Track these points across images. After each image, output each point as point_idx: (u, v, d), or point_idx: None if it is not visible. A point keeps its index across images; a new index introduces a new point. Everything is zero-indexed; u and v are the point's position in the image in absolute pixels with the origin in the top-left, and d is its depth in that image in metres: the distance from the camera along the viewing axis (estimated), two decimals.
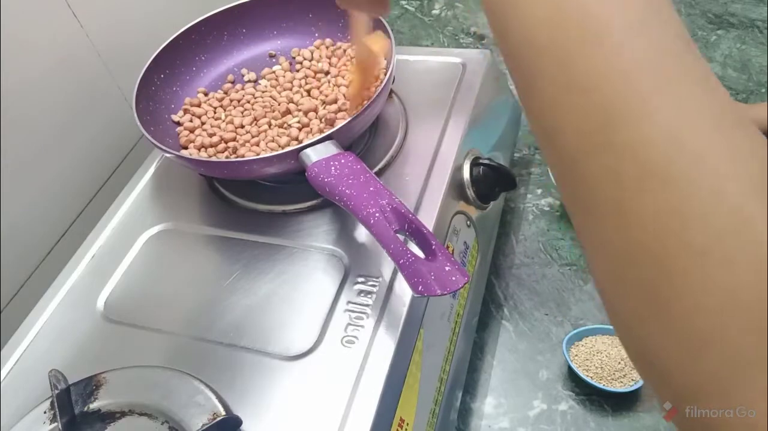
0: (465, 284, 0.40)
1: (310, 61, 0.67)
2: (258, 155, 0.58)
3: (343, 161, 0.49)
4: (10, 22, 0.58)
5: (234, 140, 0.60)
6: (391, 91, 0.66)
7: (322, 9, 0.69)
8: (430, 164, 0.58)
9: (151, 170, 0.66)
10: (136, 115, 0.58)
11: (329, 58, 0.67)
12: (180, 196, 0.62)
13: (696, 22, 0.99)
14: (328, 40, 0.69)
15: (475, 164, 0.61)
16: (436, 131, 0.61)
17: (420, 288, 0.40)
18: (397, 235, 0.43)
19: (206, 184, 0.62)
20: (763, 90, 0.88)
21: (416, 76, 0.67)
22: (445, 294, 0.40)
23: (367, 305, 0.49)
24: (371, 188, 0.46)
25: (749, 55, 0.93)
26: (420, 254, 0.43)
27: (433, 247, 0.42)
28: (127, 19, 0.73)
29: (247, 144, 0.59)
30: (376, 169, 0.59)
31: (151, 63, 0.63)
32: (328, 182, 0.47)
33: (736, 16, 0.99)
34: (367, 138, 0.63)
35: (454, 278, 0.40)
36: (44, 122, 0.64)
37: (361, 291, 0.50)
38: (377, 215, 0.44)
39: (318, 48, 0.68)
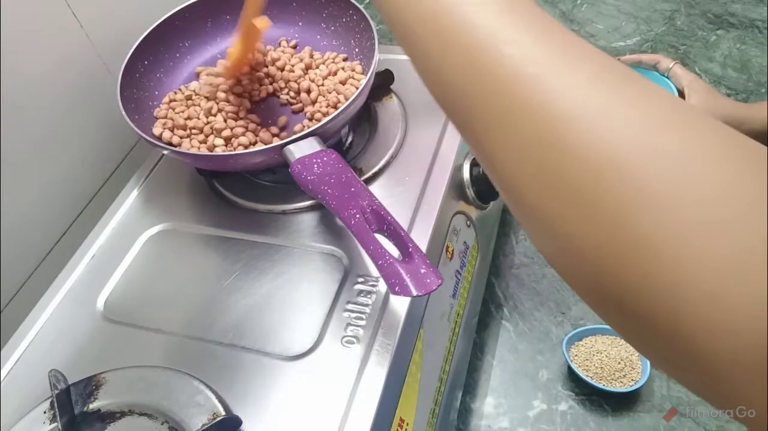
0: (439, 286, 0.41)
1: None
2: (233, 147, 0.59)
3: (325, 158, 0.49)
4: (10, 22, 0.58)
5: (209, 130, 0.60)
6: (391, 90, 0.66)
7: None
8: (430, 164, 0.58)
9: (151, 170, 0.66)
10: (120, 104, 0.58)
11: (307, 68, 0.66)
12: (180, 196, 0.62)
13: (696, 22, 0.99)
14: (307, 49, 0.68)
15: (474, 164, 0.61)
16: (436, 131, 0.61)
17: (397, 289, 0.41)
18: (376, 235, 0.44)
19: (206, 184, 0.62)
20: (763, 90, 0.88)
21: (416, 76, 0.66)
22: (420, 296, 0.41)
23: (367, 305, 0.49)
24: (352, 189, 0.47)
25: (749, 55, 0.93)
26: (397, 254, 0.44)
27: (410, 249, 0.43)
28: (127, 19, 0.73)
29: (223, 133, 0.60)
30: (376, 168, 0.59)
31: (134, 50, 0.63)
32: (311, 180, 0.48)
33: (736, 16, 0.99)
34: (366, 138, 0.63)
35: (428, 281, 0.41)
36: (44, 122, 0.64)
37: (361, 291, 0.50)
38: (358, 216, 0.45)
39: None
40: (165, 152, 0.59)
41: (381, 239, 0.44)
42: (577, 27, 1.02)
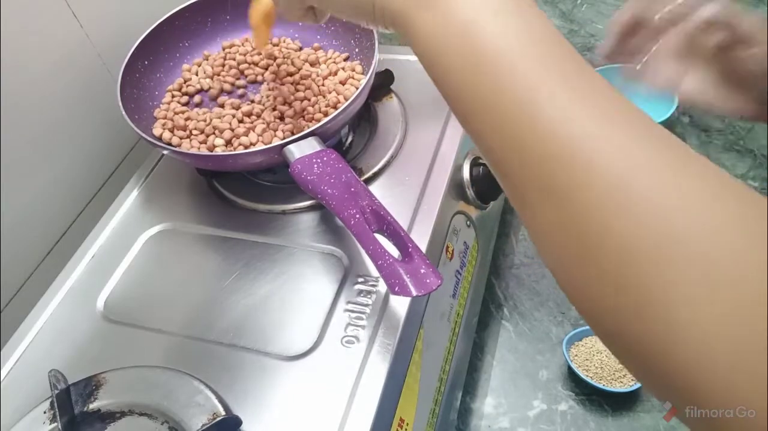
0: (438, 286, 0.41)
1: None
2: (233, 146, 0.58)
3: (325, 158, 0.49)
4: (10, 22, 0.58)
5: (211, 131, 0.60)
6: (391, 90, 0.66)
7: None
8: (430, 164, 0.58)
9: (151, 170, 0.66)
10: (120, 104, 0.58)
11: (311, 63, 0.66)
12: (180, 196, 0.62)
13: None
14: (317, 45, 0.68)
15: (474, 164, 0.61)
16: (436, 131, 0.61)
17: (396, 289, 0.41)
18: (376, 235, 0.44)
19: (206, 184, 0.62)
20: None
21: (416, 76, 0.67)
22: (420, 296, 0.41)
23: (367, 305, 0.49)
24: (352, 189, 0.47)
25: None
26: (397, 255, 0.44)
27: (410, 249, 0.43)
28: (126, 19, 0.73)
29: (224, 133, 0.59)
30: (376, 169, 0.59)
31: (134, 50, 0.63)
32: (310, 180, 0.48)
33: None
34: (366, 138, 0.63)
35: (428, 281, 0.41)
36: (44, 122, 0.64)
37: (360, 291, 0.50)
38: (357, 216, 0.45)
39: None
40: (165, 151, 0.59)
41: (381, 239, 0.44)
42: (577, 27, 1.01)
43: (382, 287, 0.50)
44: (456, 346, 0.58)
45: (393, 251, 0.44)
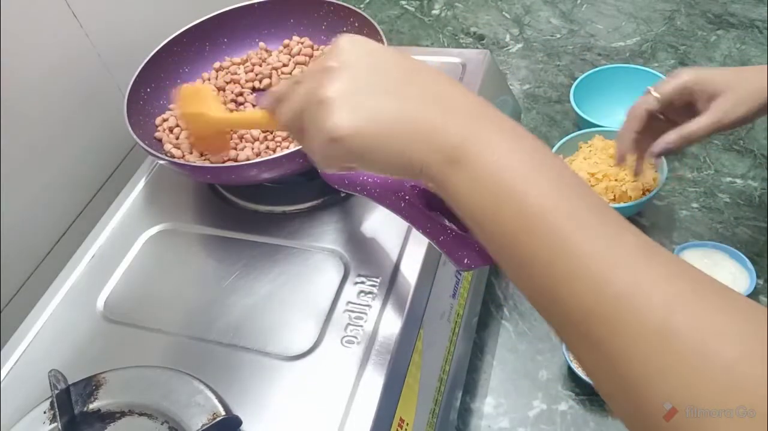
0: None
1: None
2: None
3: None
4: (10, 22, 0.58)
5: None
6: None
7: (302, 14, 0.68)
8: None
9: (151, 170, 0.66)
10: (130, 129, 0.57)
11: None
12: (180, 196, 0.62)
13: (696, 22, 0.99)
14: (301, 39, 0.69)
15: None
16: None
17: (466, 261, 0.38)
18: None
19: (206, 184, 0.62)
20: None
21: None
22: (489, 265, 0.38)
23: (367, 306, 0.49)
24: None
25: (749, 55, 0.93)
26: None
27: None
28: (126, 19, 0.73)
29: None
30: None
31: (136, 78, 0.62)
32: (346, 174, 0.45)
33: (736, 16, 0.98)
34: None
35: None
36: (44, 122, 0.64)
37: (361, 291, 0.50)
38: (407, 197, 0.42)
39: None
40: (208, 176, 0.59)
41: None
42: (577, 27, 1.01)
43: (382, 287, 0.50)
44: (456, 346, 0.58)
45: None
